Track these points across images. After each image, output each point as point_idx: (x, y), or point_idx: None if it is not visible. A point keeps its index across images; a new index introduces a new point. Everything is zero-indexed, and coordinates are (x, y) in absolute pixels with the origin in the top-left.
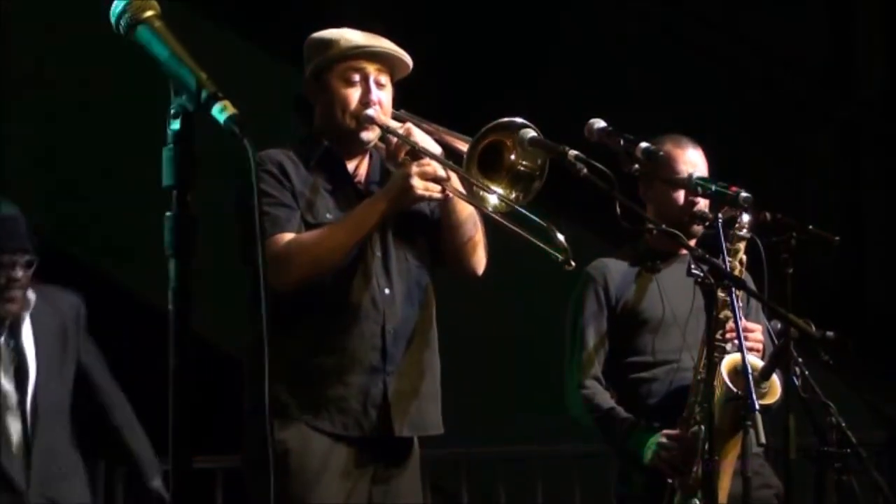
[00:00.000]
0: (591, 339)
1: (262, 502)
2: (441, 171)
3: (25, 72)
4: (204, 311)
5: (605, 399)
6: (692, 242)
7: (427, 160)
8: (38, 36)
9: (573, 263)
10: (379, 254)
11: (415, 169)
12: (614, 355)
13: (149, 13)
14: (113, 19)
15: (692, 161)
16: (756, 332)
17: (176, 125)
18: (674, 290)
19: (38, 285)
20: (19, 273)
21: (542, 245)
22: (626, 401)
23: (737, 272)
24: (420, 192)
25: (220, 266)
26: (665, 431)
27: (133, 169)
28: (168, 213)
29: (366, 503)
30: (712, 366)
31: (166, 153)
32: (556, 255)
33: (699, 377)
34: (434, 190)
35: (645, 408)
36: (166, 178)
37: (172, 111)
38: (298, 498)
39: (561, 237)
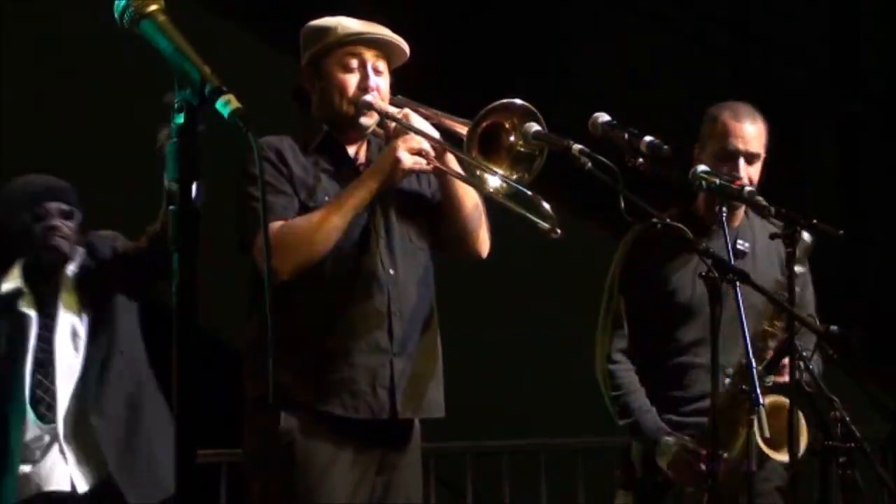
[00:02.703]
0: (625, 310)
1: (266, 496)
2: (426, 145)
3: (24, 63)
4: (208, 304)
5: (630, 379)
6: (740, 217)
7: (412, 135)
8: (34, 28)
9: (559, 231)
10: (383, 234)
11: (402, 144)
12: (643, 333)
13: (153, 7)
14: (117, 13)
15: (745, 136)
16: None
17: (180, 119)
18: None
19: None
20: (56, 221)
21: (528, 215)
22: (649, 383)
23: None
24: (409, 165)
25: (224, 258)
26: (685, 444)
27: (136, 163)
28: (171, 207)
29: (369, 495)
30: (717, 362)
31: (170, 147)
32: (543, 224)
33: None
34: (423, 164)
35: (664, 394)
36: (170, 172)
37: (176, 105)
38: (304, 492)
39: (547, 206)
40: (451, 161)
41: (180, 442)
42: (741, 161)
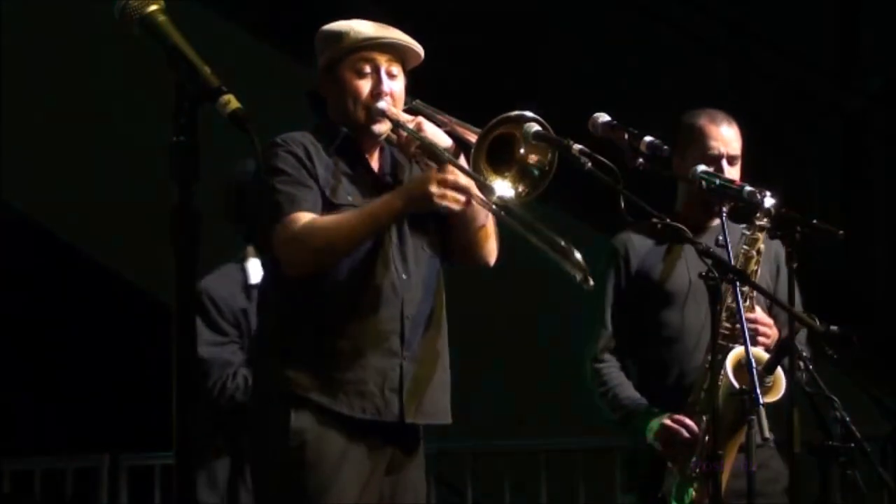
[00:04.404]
0: (609, 311)
1: (276, 496)
2: (463, 181)
3: (24, 60)
4: None
5: (616, 375)
6: (717, 220)
7: (451, 168)
8: (35, 24)
9: (591, 282)
10: (395, 240)
11: (436, 176)
12: (633, 329)
13: (153, 7)
14: (117, 13)
15: (724, 138)
16: (768, 328)
17: (180, 119)
18: (698, 265)
19: None
20: None
21: (560, 262)
22: (643, 376)
23: (753, 262)
24: (437, 200)
25: (226, 257)
26: (671, 415)
27: (137, 162)
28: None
29: (378, 495)
30: (717, 360)
31: (170, 146)
32: (575, 273)
33: (707, 365)
34: (452, 199)
35: (660, 384)
36: (171, 172)
37: (177, 105)
38: (314, 492)
39: (578, 256)
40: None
41: (180, 442)
42: (724, 164)
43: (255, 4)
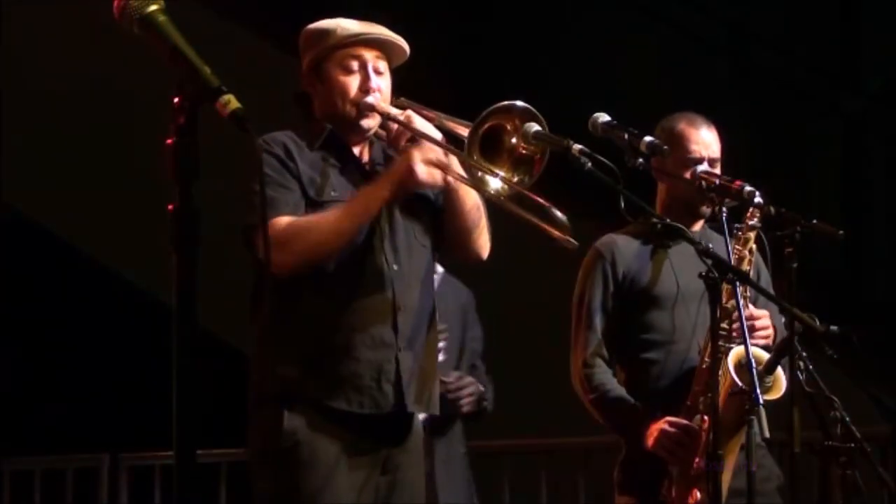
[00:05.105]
0: (597, 316)
1: (271, 497)
2: (443, 157)
3: (26, 61)
4: (208, 304)
5: (607, 379)
6: (699, 224)
7: (429, 145)
8: (38, 27)
9: (574, 242)
10: (387, 231)
11: (417, 155)
12: (621, 333)
13: (153, 7)
14: (117, 13)
15: (705, 141)
16: (763, 319)
17: (180, 118)
18: (684, 267)
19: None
20: None
21: (541, 224)
22: (633, 380)
23: (746, 262)
24: (423, 178)
25: (226, 258)
26: (669, 419)
27: (137, 163)
28: (171, 207)
29: (374, 495)
30: (717, 358)
31: (170, 147)
32: (558, 233)
33: (703, 366)
34: (437, 177)
35: (651, 388)
36: (170, 172)
37: (176, 105)
38: (310, 493)
39: (561, 215)
40: (455, 164)
41: (180, 442)
42: (706, 167)
43: (255, 4)
